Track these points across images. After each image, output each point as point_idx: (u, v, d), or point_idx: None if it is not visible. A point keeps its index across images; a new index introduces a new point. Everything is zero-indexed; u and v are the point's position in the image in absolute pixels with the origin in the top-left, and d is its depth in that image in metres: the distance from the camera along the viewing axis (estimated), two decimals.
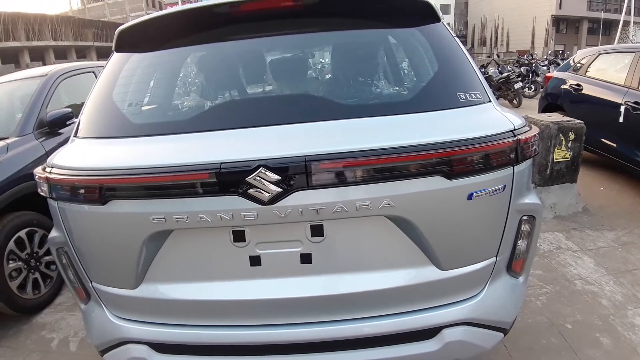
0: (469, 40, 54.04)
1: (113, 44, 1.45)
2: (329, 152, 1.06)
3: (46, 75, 3.20)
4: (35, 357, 2.16)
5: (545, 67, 12.53)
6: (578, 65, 4.69)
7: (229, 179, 1.06)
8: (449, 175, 1.08)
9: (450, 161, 1.07)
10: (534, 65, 12.05)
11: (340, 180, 1.06)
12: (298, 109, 1.26)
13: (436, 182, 1.09)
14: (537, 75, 11.35)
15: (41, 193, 1.28)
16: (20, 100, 3.09)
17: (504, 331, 1.34)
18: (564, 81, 4.72)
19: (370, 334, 1.22)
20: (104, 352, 1.39)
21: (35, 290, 2.54)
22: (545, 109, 5.05)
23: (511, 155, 1.13)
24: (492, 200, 1.15)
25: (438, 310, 1.22)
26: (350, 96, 1.41)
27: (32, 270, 2.53)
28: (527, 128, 1.21)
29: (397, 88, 1.57)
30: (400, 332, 1.21)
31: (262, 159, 1.05)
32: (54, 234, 1.35)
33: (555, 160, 3.43)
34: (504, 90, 10.25)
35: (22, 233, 2.47)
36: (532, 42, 40.71)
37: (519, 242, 1.28)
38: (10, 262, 2.39)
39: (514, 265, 1.32)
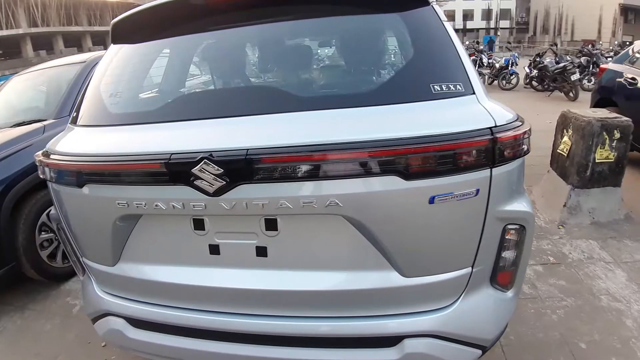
0: (531, 27, 50.27)
1: (110, 37, 1.53)
2: (270, 146, 1.03)
3: (85, 62, 3.42)
4: (56, 321, 2.38)
5: (609, 58, 11.35)
6: (636, 56, 4.18)
7: (178, 169, 1.08)
8: (406, 176, 1.00)
9: (407, 160, 0.99)
10: (595, 55, 10.97)
11: (283, 176, 1.03)
12: (249, 101, 1.24)
13: (391, 182, 1.01)
14: (598, 66, 10.32)
15: (40, 175, 1.38)
16: (59, 86, 3.32)
17: (483, 348, 1.24)
18: (620, 74, 4.23)
19: (324, 334, 1.20)
20: (93, 321, 1.51)
21: (65, 260, 2.77)
22: (597, 103, 4.58)
23: (486, 156, 1.02)
24: (460, 205, 1.05)
25: (399, 319, 1.16)
26: (304, 87, 1.36)
27: None
28: (517, 123, 1.08)
29: (360, 78, 1.43)
30: (357, 336, 1.18)
31: (205, 151, 1.05)
32: (53, 211, 1.48)
33: (597, 161, 3.11)
34: (559, 82, 9.48)
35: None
36: (599, 32, 37.06)
37: (504, 253, 1.17)
38: (43, 233, 2.63)
39: (499, 277, 1.21)
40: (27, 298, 2.63)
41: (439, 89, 1.08)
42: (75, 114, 1.43)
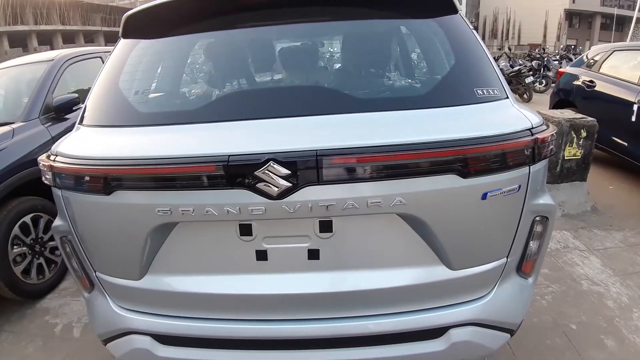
0: (480, 32, 53.19)
1: (120, 30, 1.42)
2: (341, 147, 1.02)
3: (53, 60, 3.18)
4: (38, 342, 2.18)
5: (557, 62, 12.32)
6: (591, 61, 4.59)
7: (237, 172, 1.03)
8: (464, 174, 1.05)
9: (466, 159, 1.04)
10: (545, 59, 11.87)
11: (352, 176, 1.04)
12: (310, 101, 1.22)
13: (450, 181, 1.06)
14: (549, 69, 11.19)
15: (45, 182, 1.26)
16: (26, 85, 3.06)
17: (511, 332, 1.32)
18: (576, 77, 4.63)
19: (376, 332, 1.20)
20: (106, 341, 1.38)
21: (39, 275, 2.55)
22: (556, 104, 4.98)
23: (528, 155, 1.10)
24: (506, 200, 1.12)
25: (446, 310, 1.20)
26: (364, 89, 1.36)
27: (37, 256, 2.55)
28: (544, 127, 1.17)
29: (412, 82, 1.51)
30: (407, 330, 1.20)
31: (272, 152, 1.02)
32: (57, 222, 1.33)
33: (565, 158, 3.37)
34: (514, 84, 10.15)
35: (27, 218, 2.47)
36: (544, 36, 40.18)
37: (530, 243, 1.25)
38: (15, 247, 2.40)
39: (524, 266, 1.29)
40: (0, 319, 2.39)
41: (482, 93, 1.15)
42: (87, 114, 1.31)
